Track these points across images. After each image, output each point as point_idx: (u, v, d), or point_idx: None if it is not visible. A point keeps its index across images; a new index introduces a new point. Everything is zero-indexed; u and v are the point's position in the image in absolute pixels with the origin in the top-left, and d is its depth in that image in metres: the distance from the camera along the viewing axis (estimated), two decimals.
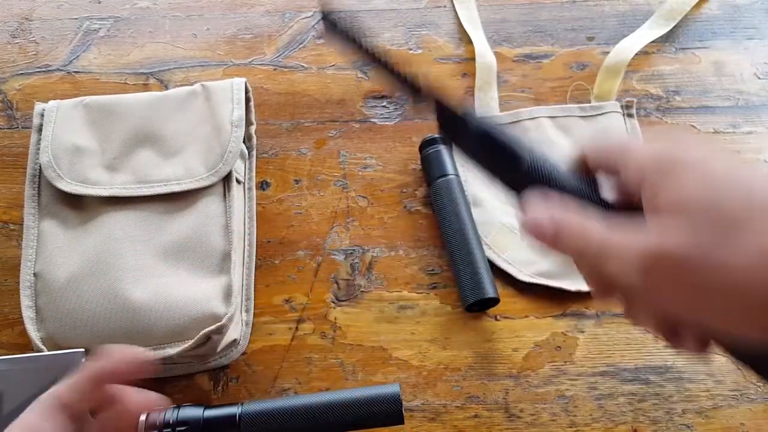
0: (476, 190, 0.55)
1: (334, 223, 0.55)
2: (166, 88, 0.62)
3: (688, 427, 0.46)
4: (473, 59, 0.62)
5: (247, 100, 0.55)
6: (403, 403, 0.44)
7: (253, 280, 0.52)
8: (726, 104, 0.59)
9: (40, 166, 0.52)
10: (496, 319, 0.50)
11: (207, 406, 0.41)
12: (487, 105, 0.60)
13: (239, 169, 0.53)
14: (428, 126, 0.59)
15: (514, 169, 0.29)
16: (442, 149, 0.55)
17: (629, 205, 0.28)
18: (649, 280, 0.24)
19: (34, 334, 0.46)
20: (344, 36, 0.31)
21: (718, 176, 0.24)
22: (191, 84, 0.56)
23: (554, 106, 0.59)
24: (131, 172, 0.51)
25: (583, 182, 0.29)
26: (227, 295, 0.47)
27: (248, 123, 0.56)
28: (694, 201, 0.24)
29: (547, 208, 0.28)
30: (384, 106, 0.60)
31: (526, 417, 0.47)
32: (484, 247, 0.51)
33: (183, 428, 0.39)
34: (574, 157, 0.30)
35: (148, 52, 0.64)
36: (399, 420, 0.40)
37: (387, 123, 0.59)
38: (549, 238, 0.27)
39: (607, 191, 0.29)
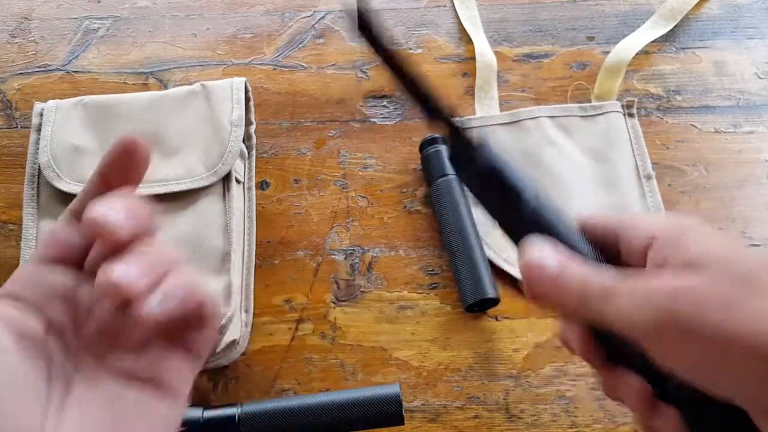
0: None
1: (334, 223, 0.54)
2: (166, 87, 0.61)
3: None
4: (473, 59, 0.62)
5: (247, 99, 0.55)
6: (404, 403, 0.44)
7: (252, 281, 0.51)
8: (727, 104, 0.59)
9: (39, 166, 0.52)
10: (496, 319, 0.50)
11: (206, 407, 0.41)
12: (487, 105, 0.60)
13: (239, 168, 0.53)
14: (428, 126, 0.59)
15: (516, 210, 0.27)
16: (442, 149, 0.54)
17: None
18: (658, 326, 0.22)
19: None
20: (373, 38, 0.29)
21: (731, 240, 0.24)
22: (191, 84, 0.55)
23: (554, 105, 0.59)
24: None
25: (585, 242, 0.27)
26: (227, 295, 0.47)
27: (248, 123, 0.55)
28: (712, 255, 0.23)
29: (552, 249, 0.26)
30: (384, 106, 0.60)
31: (526, 418, 0.46)
32: (484, 247, 0.51)
33: (182, 429, 0.39)
34: (575, 223, 0.28)
35: (148, 52, 0.64)
36: (399, 421, 0.40)
37: (387, 123, 0.59)
38: (550, 278, 0.25)
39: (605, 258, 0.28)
